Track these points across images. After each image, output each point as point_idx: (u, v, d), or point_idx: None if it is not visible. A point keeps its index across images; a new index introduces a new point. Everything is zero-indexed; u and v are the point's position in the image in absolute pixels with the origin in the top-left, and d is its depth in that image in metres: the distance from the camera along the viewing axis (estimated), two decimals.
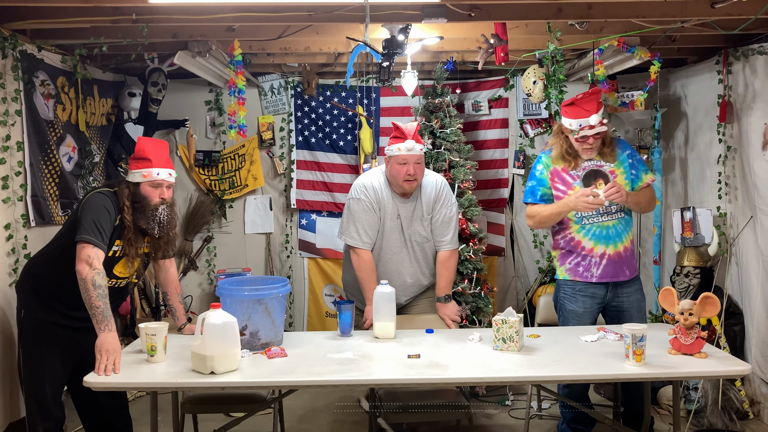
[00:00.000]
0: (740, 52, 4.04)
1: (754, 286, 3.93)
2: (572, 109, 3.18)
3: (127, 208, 2.77)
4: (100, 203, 2.73)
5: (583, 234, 3.25)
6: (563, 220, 3.28)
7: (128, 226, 2.77)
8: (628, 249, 3.27)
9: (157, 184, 2.82)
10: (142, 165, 2.81)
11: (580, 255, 3.26)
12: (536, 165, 3.37)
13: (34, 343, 2.83)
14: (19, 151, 3.59)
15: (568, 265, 3.30)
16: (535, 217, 3.31)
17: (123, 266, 2.86)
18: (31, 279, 2.90)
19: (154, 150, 2.84)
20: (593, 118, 3.12)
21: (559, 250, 3.36)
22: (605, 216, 3.23)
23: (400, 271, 3.43)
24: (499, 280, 5.32)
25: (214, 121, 5.29)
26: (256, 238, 5.39)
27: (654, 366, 2.50)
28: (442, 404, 3.10)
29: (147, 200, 2.81)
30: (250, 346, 2.71)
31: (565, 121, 3.22)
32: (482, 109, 5.27)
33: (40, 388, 2.81)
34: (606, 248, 3.23)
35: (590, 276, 3.24)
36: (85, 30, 3.68)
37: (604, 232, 3.23)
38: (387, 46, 3.34)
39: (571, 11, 3.41)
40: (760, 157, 3.84)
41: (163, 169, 2.83)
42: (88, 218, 2.68)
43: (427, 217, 3.42)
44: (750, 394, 4.00)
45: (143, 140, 2.90)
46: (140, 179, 2.81)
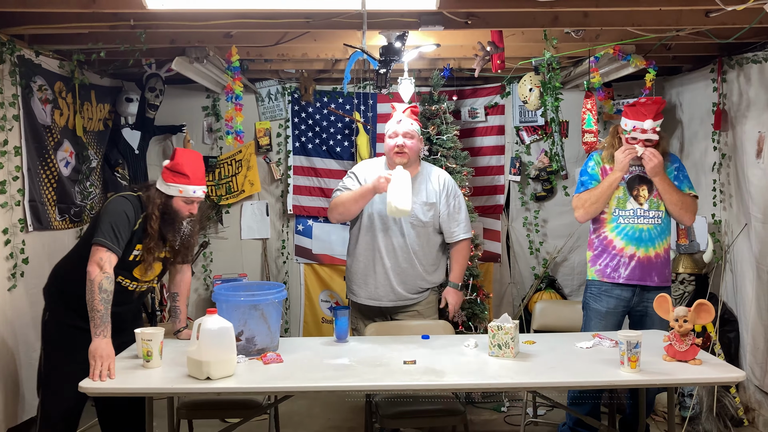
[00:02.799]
0: (734, 60, 4.07)
1: (749, 293, 3.95)
2: (632, 110, 3.26)
3: (156, 217, 2.78)
4: (120, 208, 2.74)
5: (616, 233, 3.32)
6: (599, 218, 3.36)
7: (152, 234, 2.78)
8: (660, 256, 3.31)
9: (191, 201, 2.84)
10: (179, 180, 2.81)
11: (610, 254, 3.33)
12: (588, 162, 3.46)
13: (56, 346, 2.83)
14: (16, 156, 3.59)
15: (598, 266, 3.38)
16: (587, 199, 3.35)
17: (141, 270, 2.87)
18: (57, 282, 2.91)
19: (192, 165, 2.83)
20: (647, 123, 3.19)
21: (592, 250, 3.43)
22: (641, 219, 3.29)
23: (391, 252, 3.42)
24: (495, 286, 5.33)
25: (211, 127, 5.29)
26: (253, 243, 5.40)
27: (649, 372, 2.51)
28: (437, 410, 3.10)
29: (177, 214, 2.82)
30: (246, 352, 2.71)
31: (623, 120, 3.30)
32: (479, 116, 5.29)
33: (59, 393, 2.80)
34: (636, 250, 3.28)
35: (617, 276, 3.30)
36: (83, 35, 3.69)
37: (637, 234, 3.29)
38: (384, 53, 3.35)
39: (567, 19, 3.43)
40: (754, 165, 3.87)
41: (199, 187, 2.85)
42: (107, 222, 2.69)
43: (429, 204, 3.45)
44: (745, 400, 4.01)
45: (182, 153, 2.87)
46: (175, 193, 2.81)
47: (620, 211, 3.32)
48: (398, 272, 3.43)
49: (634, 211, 3.30)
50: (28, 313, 3.67)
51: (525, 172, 5.29)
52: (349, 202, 3.42)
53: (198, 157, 2.93)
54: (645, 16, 3.40)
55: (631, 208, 3.31)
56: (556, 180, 5.24)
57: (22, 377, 3.59)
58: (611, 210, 3.34)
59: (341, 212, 3.46)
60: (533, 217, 5.32)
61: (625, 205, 3.32)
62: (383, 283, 3.44)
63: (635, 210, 3.30)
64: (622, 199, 3.32)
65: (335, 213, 3.49)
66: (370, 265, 3.45)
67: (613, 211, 3.33)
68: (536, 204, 5.31)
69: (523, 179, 5.30)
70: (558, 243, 5.26)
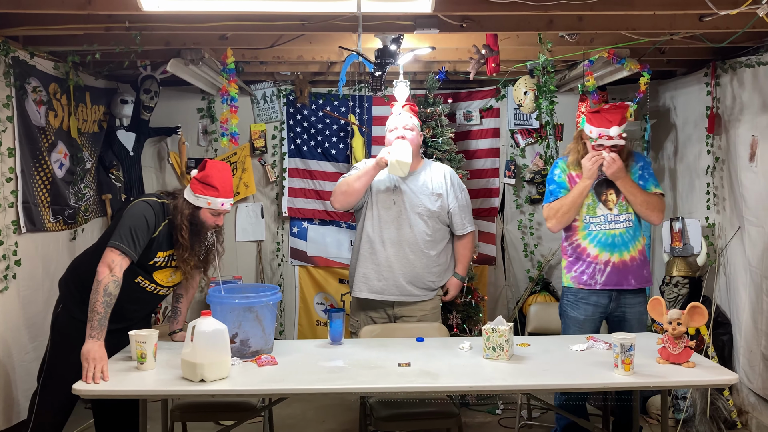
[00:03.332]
0: (728, 64, 4.09)
1: (742, 296, 3.96)
2: (596, 117, 3.19)
3: (186, 227, 2.78)
4: (141, 212, 2.73)
5: (589, 240, 3.28)
6: (572, 226, 3.32)
7: (185, 245, 2.78)
8: (636, 258, 3.28)
9: (218, 213, 2.84)
10: (208, 192, 2.79)
11: (585, 262, 3.29)
12: (554, 170, 3.41)
13: (64, 340, 2.81)
14: (10, 158, 3.58)
15: (573, 273, 3.34)
16: (558, 210, 3.30)
17: (164, 275, 2.87)
18: (75, 276, 2.90)
19: (221, 177, 2.81)
20: (613, 130, 3.14)
21: (566, 257, 3.39)
22: (612, 224, 3.26)
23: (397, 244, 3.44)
24: (490, 289, 5.34)
25: (206, 129, 5.29)
26: (248, 245, 5.39)
27: (643, 375, 2.51)
28: (432, 413, 3.10)
29: (203, 225, 2.83)
30: (240, 354, 2.71)
31: (587, 127, 3.24)
32: (473, 119, 5.30)
33: (60, 388, 2.77)
34: (611, 256, 3.25)
35: (594, 283, 3.27)
36: (77, 37, 3.68)
37: (610, 240, 3.26)
38: (379, 55, 3.36)
39: (561, 23, 3.45)
40: (747, 169, 3.88)
41: (227, 200, 2.83)
42: (126, 225, 2.69)
43: (436, 194, 3.49)
44: (738, 403, 4.03)
45: (212, 165, 2.83)
46: (204, 205, 2.80)
47: (591, 218, 3.28)
48: (405, 264, 3.44)
49: (605, 217, 3.26)
50: (20, 315, 3.66)
51: (520, 175, 5.30)
52: (351, 179, 3.47)
53: (227, 170, 2.90)
54: (639, 20, 3.42)
55: (601, 214, 3.27)
56: None
57: (14, 380, 3.58)
58: (582, 217, 3.29)
59: (344, 190, 3.48)
60: (528, 220, 5.33)
61: (595, 211, 3.28)
62: (387, 275, 3.44)
63: (606, 216, 3.26)
64: (592, 205, 3.28)
65: (338, 193, 3.51)
66: (375, 257, 3.46)
67: (584, 219, 3.29)
68: (531, 207, 5.32)
69: (518, 182, 5.31)
70: (553, 246, 5.27)
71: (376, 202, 3.49)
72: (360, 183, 3.44)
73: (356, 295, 3.53)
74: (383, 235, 3.46)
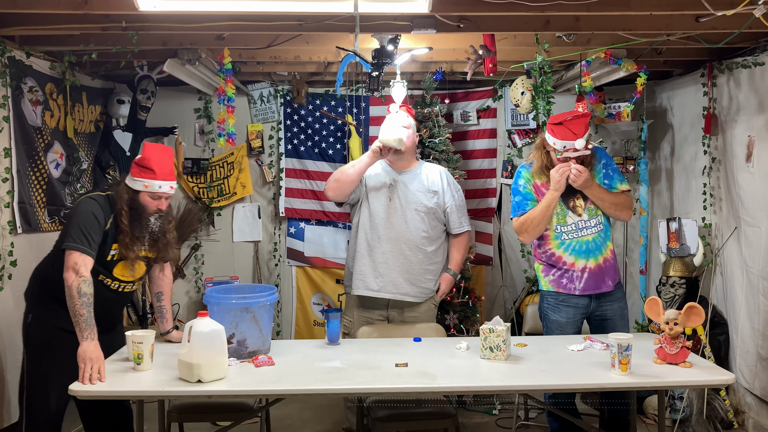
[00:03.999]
0: (724, 65, 4.10)
1: (739, 296, 3.97)
2: (559, 130, 3.12)
3: (125, 212, 2.75)
4: (87, 209, 2.71)
5: (563, 249, 3.24)
6: (543, 235, 3.26)
7: (125, 230, 2.75)
8: (609, 260, 3.25)
9: (158, 196, 2.80)
10: (145, 175, 2.77)
11: (561, 269, 3.25)
12: (517, 179, 3.33)
13: (40, 348, 2.80)
14: (6, 158, 3.57)
15: (552, 277, 3.29)
16: (529, 224, 3.23)
17: (123, 269, 2.84)
18: (38, 284, 2.89)
19: (159, 160, 2.78)
20: (579, 143, 3.08)
21: (541, 262, 3.35)
22: (584, 231, 3.22)
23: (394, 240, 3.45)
24: (487, 289, 5.34)
25: (203, 129, 5.28)
26: (244, 246, 5.38)
27: (639, 375, 2.52)
28: (429, 413, 3.10)
29: (144, 209, 2.79)
30: (237, 355, 2.70)
31: (550, 138, 3.16)
32: (471, 119, 5.31)
33: (44, 394, 2.78)
34: (587, 262, 3.21)
35: (573, 289, 3.23)
36: (74, 37, 3.67)
37: (584, 247, 3.21)
38: (376, 56, 3.36)
39: (558, 23, 3.45)
40: (744, 169, 3.89)
41: (165, 182, 2.79)
42: (75, 225, 2.67)
43: (432, 191, 3.51)
44: (734, 403, 4.03)
45: (149, 148, 2.83)
46: (141, 188, 2.77)
47: (562, 227, 3.23)
48: (402, 261, 3.43)
49: (576, 225, 3.21)
50: (14, 315, 3.63)
51: None
52: (346, 168, 3.48)
53: (167, 152, 2.87)
54: (636, 20, 3.42)
55: (572, 222, 3.22)
56: None
57: (7, 380, 3.56)
58: (553, 227, 3.23)
59: (337, 178, 3.48)
60: None
61: (565, 220, 3.23)
62: (384, 272, 3.44)
63: (577, 223, 3.21)
64: (561, 214, 3.23)
65: (332, 180, 3.50)
66: (372, 254, 3.46)
67: (555, 228, 3.23)
68: None
69: None
70: None
71: (372, 198, 3.49)
72: (354, 170, 3.44)
73: (353, 293, 3.52)
74: (379, 232, 3.46)
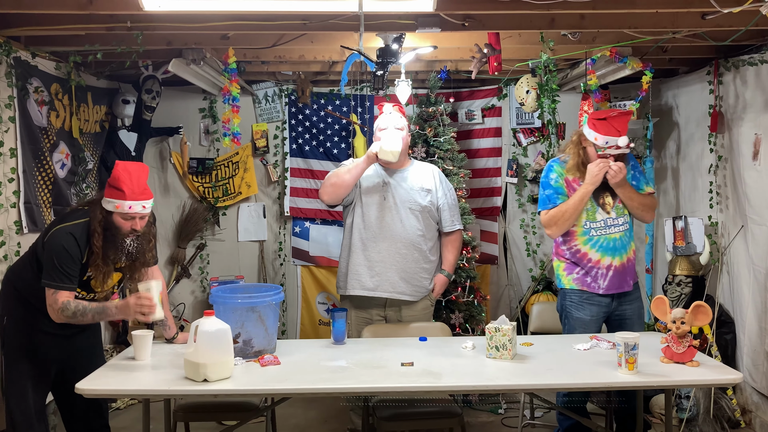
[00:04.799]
0: (731, 62, 4.08)
1: (746, 294, 3.95)
2: (603, 125, 3.14)
3: (98, 234, 2.71)
4: (60, 244, 2.67)
5: (590, 246, 3.25)
6: (569, 231, 3.28)
7: (96, 252, 2.71)
8: (631, 260, 3.30)
9: (130, 217, 2.73)
10: (114, 195, 2.70)
11: (585, 267, 3.26)
12: (548, 173, 3.34)
13: (17, 349, 2.81)
14: (12, 158, 3.58)
15: (575, 275, 3.30)
16: (560, 217, 3.24)
17: (98, 283, 2.82)
18: (13, 287, 2.88)
19: (129, 180, 2.70)
20: (622, 140, 3.12)
21: (563, 260, 3.36)
22: (612, 228, 3.24)
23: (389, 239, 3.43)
24: (492, 288, 5.33)
25: (208, 129, 5.29)
26: (250, 245, 5.38)
27: (646, 374, 2.51)
28: (435, 412, 3.09)
29: (117, 230, 2.73)
30: (243, 354, 2.70)
31: (591, 134, 3.18)
32: (475, 118, 5.30)
33: (23, 397, 2.78)
34: (612, 260, 3.23)
35: (597, 287, 3.24)
36: (79, 37, 3.68)
37: (611, 244, 3.24)
38: (381, 55, 3.35)
39: (563, 22, 3.44)
40: (750, 167, 3.88)
41: (135, 202, 2.70)
42: (52, 262, 2.66)
43: (425, 189, 3.52)
44: (741, 402, 4.02)
45: (120, 167, 2.74)
46: (112, 209, 2.71)
47: (591, 224, 3.24)
48: (398, 259, 3.42)
49: (605, 222, 3.24)
50: None
51: (522, 174, 5.30)
52: (342, 171, 3.46)
53: (140, 170, 2.79)
54: (641, 18, 3.41)
55: (601, 219, 3.24)
56: None
57: None
58: (581, 223, 3.25)
59: (333, 182, 3.45)
60: (530, 219, 5.32)
61: (595, 216, 3.24)
62: (380, 270, 3.42)
63: (605, 220, 3.24)
64: (591, 210, 3.24)
65: (327, 185, 3.47)
66: (367, 253, 3.44)
67: (584, 224, 3.24)
68: (533, 206, 5.31)
69: (520, 181, 5.31)
70: None
71: (366, 198, 3.48)
72: (350, 175, 3.42)
73: (349, 293, 3.49)
74: (374, 231, 3.44)
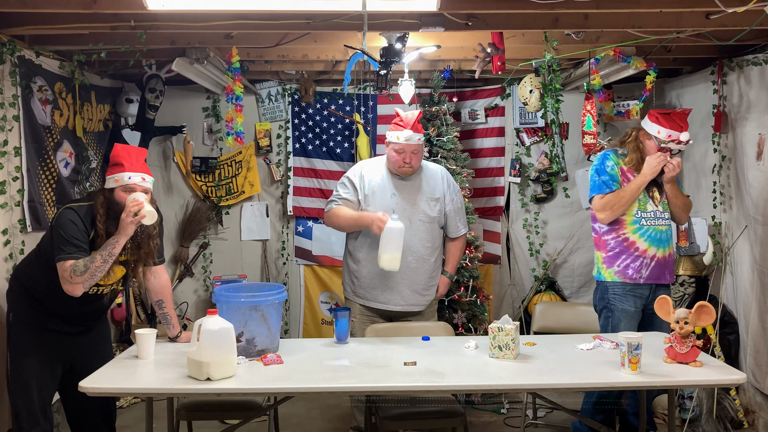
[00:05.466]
0: (735, 62, 4.07)
1: (749, 295, 3.95)
2: (667, 119, 3.28)
3: (101, 215, 2.74)
4: (67, 218, 2.71)
5: (639, 235, 3.34)
6: (618, 219, 3.36)
7: (101, 234, 2.73)
8: (672, 255, 3.43)
9: (130, 189, 2.76)
10: (115, 170, 2.78)
11: (632, 256, 3.34)
12: (604, 161, 3.42)
13: (22, 348, 2.82)
14: (16, 157, 3.58)
15: (617, 268, 3.37)
16: (616, 202, 3.33)
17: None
18: (19, 285, 2.89)
19: (127, 155, 2.79)
20: (684, 135, 3.25)
21: (605, 251, 3.42)
22: (660, 220, 3.37)
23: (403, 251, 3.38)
24: (495, 288, 5.33)
25: (212, 128, 5.29)
26: (253, 244, 5.39)
27: (649, 374, 2.50)
28: (437, 412, 3.09)
29: (120, 206, 2.74)
30: (246, 353, 2.71)
31: (653, 127, 3.30)
32: (479, 118, 5.29)
33: (27, 394, 2.79)
34: (657, 251, 3.34)
35: (639, 278, 3.34)
36: (83, 36, 3.69)
37: (658, 236, 3.35)
38: (384, 54, 3.35)
39: (567, 21, 3.43)
40: (754, 167, 3.87)
41: (135, 174, 2.77)
42: (61, 237, 2.68)
43: (435, 198, 3.51)
44: (744, 403, 4.01)
45: (118, 146, 2.86)
46: (113, 184, 2.77)
47: (642, 213, 3.35)
48: (408, 273, 3.42)
49: (654, 213, 3.35)
50: None
51: (525, 174, 5.29)
52: (344, 221, 3.48)
53: (138, 149, 2.89)
54: (645, 18, 3.40)
55: (651, 210, 3.36)
56: (557, 182, 5.24)
57: None
58: (632, 212, 3.35)
59: (334, 224, 3.55)
60: (533, 219, 5.32)
61: (645, 207, 3.35)
62: (392, 285, 3.43)
63: (655, 212, 3.36)
64: (643, 200, 3.35)
65: (328, 222, 3.59)
66: (379, 270, 3.37)
67: (635, 213, 3.35)
68: (536, 206, 5.31)
69: (524, 181, 5.30)
70: (558, 245, 5.26)
71: (376, 209, 3.44)
72: (350, 229, 3.52)
73: (358, 302, 3.51)
74: None
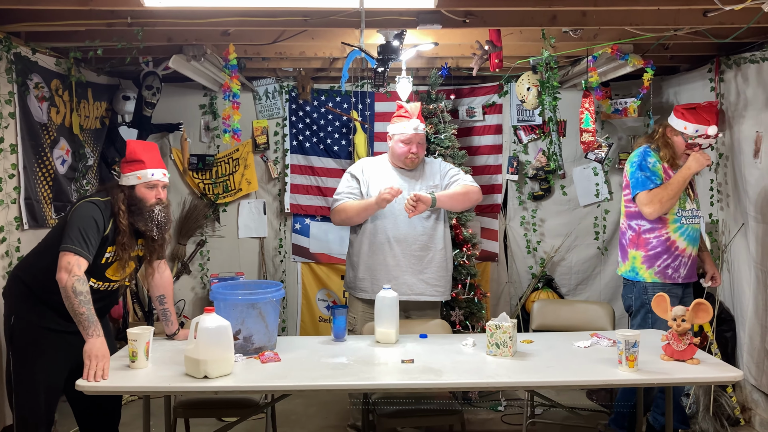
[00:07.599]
0: (732, 60, 4.07)
1: (746, 292, 3.95)
2: (693, 114, 3.25)
3: (123, 212, 2.76)
4: (88, 213, 2.71)
5: (680, 234, 3.33)
6: (661, 218, 3.33)
7: (123, 230, 2.76)
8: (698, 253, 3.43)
9: (153, 185, 2.82)
10: (135, 167, 2.81)
11: (672, 255, 3.33)
12: (646, 157, 3.38)
13: (26, 348, 2.79)
14: (12, 154, 3.57)
15: (657, 268, 3.35)
16: (664, 195, 3.27)
17: (115, 270, 2.84)
18: (21, 284, 2.86)
19: (145, 151, 2.85)
20: (711, 129, 3.22)
21: (646, 250, 3.38)
22: (695, 219, 3.36)
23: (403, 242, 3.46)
24: (493, 285, 5.33)
25: (209, 125, 5.28)
26: (250, 242, 5.38)
27: (647, 372, 2.51)
28: (435, 409, 3.10)
29: (143, 202, 2.80)
30: (243, 351, 2.71)
31: (680, 123, 3.29)
32: (476, 115, 5.29)
33: (33, 394, 2.78)
34: (692, 249, 3.35)
35: (677, 277, 3.33)
36: (80, 33, 3.68)
37: (694, 234, 3.35)
38: (382, 51, 3.34)
39: (565, 18, 3.43)
40: (751, 165, 3.87)
41: (157, 170, 2.85)
42: (75, 228, 2.67)
43: (434, 186, 3.55)
44: (741, 400, 4.02)
45: (133, 143, 2.91)
46: (135, 181, 2.81)
47: (682, 212, 3.33)
48: (413, 262, 3.45)
49: (692, 211, 3.35)
50: None
51: (522, 172, 5.29)
52: (352, 212, 3.49)
53: (151, 145, 2.94)
54: (643, 15, 3.40)
55: (689, 208, 3.35)
56: (554, 179, 5.24)
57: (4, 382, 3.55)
58: (674, 210, 3.33)
59: (343, 218, 3.56)
60: (531, 217, 5.32)
61: (684, 205, 3.34)
62: (397, 275, 3.44)
63: (692, 210, 3.35)
64: (682, 198, 3.34)
65: (337, 218, 3.60)
66: (384, 258, 3.46)
67: (676, 212, 3.33)
68: (534, 203, 5.31)
69: (521, 178, 5.30)
70: (555, 242, 5.26)
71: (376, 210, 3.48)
72: (359, 218, 3.52)
73: (362, 297, 3.52)
74: (388, 235, 3.47)
